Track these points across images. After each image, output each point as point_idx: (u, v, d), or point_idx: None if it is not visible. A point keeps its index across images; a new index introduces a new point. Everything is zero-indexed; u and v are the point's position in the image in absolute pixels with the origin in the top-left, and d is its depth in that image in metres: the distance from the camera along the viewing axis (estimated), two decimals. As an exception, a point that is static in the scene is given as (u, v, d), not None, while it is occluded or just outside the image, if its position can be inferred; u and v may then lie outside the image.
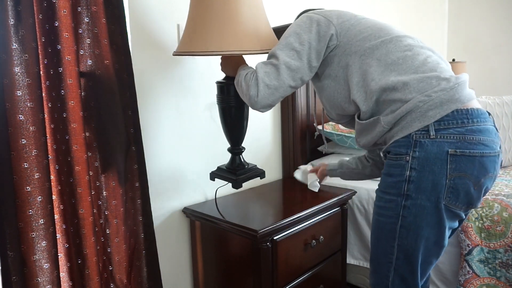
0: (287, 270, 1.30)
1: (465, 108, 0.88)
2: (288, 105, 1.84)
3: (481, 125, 0.89)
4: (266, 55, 1.17)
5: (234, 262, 1.34)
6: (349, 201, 1.74)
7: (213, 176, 1.37)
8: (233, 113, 1.26)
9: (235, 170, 1.30)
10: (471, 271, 1.36)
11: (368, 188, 1.69)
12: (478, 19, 3.68)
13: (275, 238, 1.25)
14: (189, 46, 1.12)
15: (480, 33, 3.67)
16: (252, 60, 1.28)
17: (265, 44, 1.13)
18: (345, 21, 1.02)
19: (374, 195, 1.67)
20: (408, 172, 0.89)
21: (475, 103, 0.91)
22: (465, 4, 3.74)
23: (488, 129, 0.91)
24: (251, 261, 1.26)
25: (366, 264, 1.74)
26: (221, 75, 1.29)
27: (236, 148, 1.33)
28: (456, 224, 0.97)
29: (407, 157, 0.89)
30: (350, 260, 1.77)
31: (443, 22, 3.84)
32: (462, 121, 0.87)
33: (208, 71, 1.54)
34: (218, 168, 1.36)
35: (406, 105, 0.89)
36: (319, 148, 1.97)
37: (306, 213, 1.35)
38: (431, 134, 0.87)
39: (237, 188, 1.30)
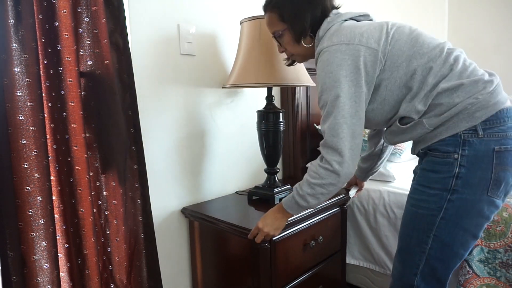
0: (286, 271, 1.30)
1: (505, 107, 0.95)
2: (288, 105, 1.84)
3: None
4: (302, 85, 1.42)
5: (233, 263, 1.34)
6: (349, 201, 1.74)
7: (251, 194, 1.53)
8: (270, 138, 1.45)
9: (271, 188, 1.49)
10: (471, 271, 1.36)
11: (368, 188, 1.69)
12: (478, 19, 3.68)
13: (274, 238, 1.24)
14: (242, 80, 1.36)
15: (480, 33, 3.67)
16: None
17: (302, 78, 1.40)
18: (383, 42, 0.99)
19: (374, 195, 1.68)
20: (457, 169, 0.95)
21: (509, 102, 0.97)
22: (465, 4, 3.74)
23: None
24: (250, 262, 1.25)
25: (366, 264, 1.74)
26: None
27: (272, 168, 1.51)
28: (494, 215, 1.02)
29: (456, 155, 0.96)
30: (350, 260, 1.77)
31: (443, 22, 3.83)
32: (504, 120, 0.94)
33: (208, 71, 1.55)
34: (255, 186, 1.55)
35: (455, 108, 0.94)
36: (319, 149, 1.97)
37: (305, 214, 1.34)
38: (480, 134, 0.94)
39: (274, 203, 1.44)
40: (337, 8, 1.12)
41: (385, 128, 1.14)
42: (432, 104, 0.97)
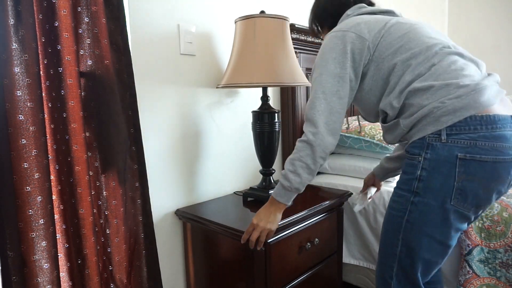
0: (281, 274, 1.29)
1: (480, 114, 0.90)
2: (288, 105, 1.84)
3: (496, 132, 0.90)
4: (298, 85, 1.37)
5: (227, 266, 1.32)
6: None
7: (246, 195, 1.51)
8: (266, 138, 1.44)
9: (267, 189, 1.47)
10: (471, 271, 1.36)
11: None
12: (478, 19, 3.68)
13: (268, 241, 1.22)
14: (235, 80, 1.35)
15: (480, 33, 3.67)
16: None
17: (298, 78, 1.38)
18: (376, 33, 1.04)
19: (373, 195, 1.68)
20: (419, 171, 0.95)
21: (496, 108, 0.92)
22: (465, 3, 3.75)
23: (505, 135, 0.90)
24: (244, 265, 1.23)
25: (366, 264, 1.74)
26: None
27: (267, 169, 1.50)
28: (465, 226, 0.99)
29: (420, 158, 0.95)
30: (350, 260, 1.77)
31: (443, 22, 3.84)
32: (475, 127, 0.90)
33: (208, 71, 1.55)
34: (251, 188, 1.52)
35: (422, 110, 0.94)
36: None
37: (301, 215, 1.33)
38: (442, 138, 0.92)
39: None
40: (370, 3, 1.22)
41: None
42: (405, 103, 0.99)
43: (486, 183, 0.91)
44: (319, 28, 1.27)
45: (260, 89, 1.49)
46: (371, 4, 1.23)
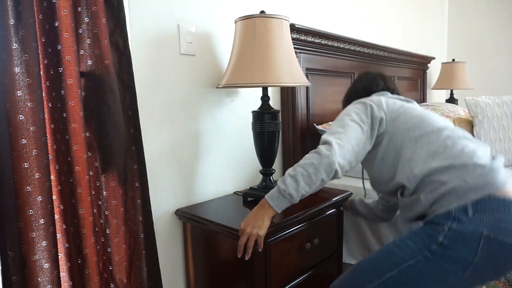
0: (281, 274, 1.28)
1: (502, 196, 0.96)
2: (288, 105, 1.84)
3: None
4: (298, 85, 1.50)
5: (227, 266, 1.32)
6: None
7: (246, 195, 1.50)
8: (266, 138, 1.44)
9: (267, 189, 1.42)
10: (471, 271, 1.35)
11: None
12: (478, 19, 3.68)
13: (268, 241, 1.22)
14: (235, 80, 1.35)
15: (480, 33, 3.67)
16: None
17: (298, 78, 1.38)
18: (394, 110, 1.19)
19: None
20: (441, 237, 0.98)
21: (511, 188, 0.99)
22: (465, 4, 3.75)
23: None
24: (244, 265, 1.23)
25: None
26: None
27: (267, 169, 1.49)
28: None
29: (445, 227, 0.98)
30: (350, 260, 1.77)
31: (443, 22, 3.83)
32: (498, 208, 0.95)
33: (208, 71, 1.55)
34: (251, 188, 1.52)
35: (444, 187, 1.01)
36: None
37: (301, 215, 1.33)
38: (469, 213, 0.96)
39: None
40: (391, 90, 1.38)
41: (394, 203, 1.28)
42: (426, 180, 1.06)
43: (503, 263, 0.96)
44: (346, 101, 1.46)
45: (260, 89, 1.49)
46: (394, 92, 1.38)
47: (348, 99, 1.44)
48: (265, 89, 1.46)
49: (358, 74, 1.52)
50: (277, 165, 1.89)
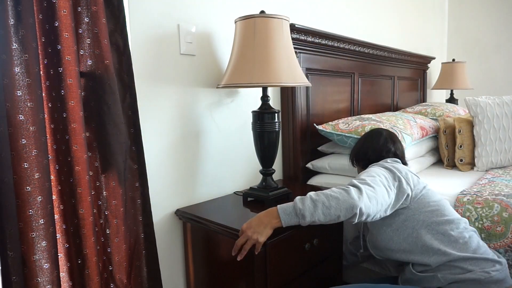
0: (280, 274, 1.28)
1: None
2: (288, 105, 1.84)
3: None
4: (298, 85, 1.49)
5: (227, 266, 1.32)
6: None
7: (246, 195, 1.51)
8: (266, 138, 1.44)
9: (267, 189, 1.47)
10: (471, 271, 1.36)
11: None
12: (478, 19, 3.68)
13: (268, 241, 1.21)
14: (235, 80, 1.35)
15: (480, 33, 3.67)
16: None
17: (298, 78, 1.38)
18: (419, 189, 1.23)
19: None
20: None
21: None
22: (465, 4, 3.75)
23: None
24: (244, 265, 1.23)
25: (366, 264, 1.74)
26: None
27: (267, 169, 1.50)
28: None
29: None
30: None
31: (443, 22, 3.83)
32: None
33: (208, 71, 1.55)
34: (251, 188, 1.53)
35: (470, 274, 1.10)
36: (319, 148, 1.97)
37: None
38: None
39: (269, 205, 1.41)
40: (399, 157, 1.40)
41: (400, 277, 1.29)
42: (447, 265, 1.13)
43: None
44: (354, 162, 1.49)
45: (260, 89, 1.49)
46: (402, 160, 1.41)
47: (356, 157, 1.47)
48: (265, 89, 1.46)
49: (369, 131, 1.51)
50: (277, 165, 1.89)
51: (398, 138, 1.46)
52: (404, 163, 1.41)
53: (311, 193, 1.11)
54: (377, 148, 1.40)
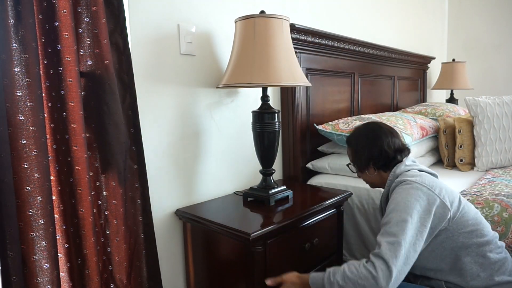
0: (281, 274, 1.27)
1: None
2: (288, 105, 1.84)
3: None
4: (298, 85, 1.43)
5: (226, 266, 1.32)
6: (349, 201, 1.74)
7: (246, 195, 1.51)
8: (266, 138, 1.44)
9: (267, 189, 1.46)
10: (471, 271, 1.36)
11: (368, 187, 1.69)
12: (478, 19, 3.68)
13: (268, 241, 1.22)
14: (235, 80, 1.35)
15: (480, 33, 3.67)
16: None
17: (298, 78, 1.38)
18: (456, 207, 1.13)
19: (374, 195, 1.68)
20: None
21: None
22: (465, 4, 3.75)
23: None
24: (244, 265, 1.23)
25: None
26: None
27: (267, 169, 1.49)
28: None
29: None
30: (350, 260, 1.77)
31: (443, 22, 3.83)
32: None
33: (208, 71, 1.55)
34: (251, 188, 1.52)
35: None
36: (319, 148, 1.97)
37: (301, 215, 1.33)
38: None
39: (269, 204, 1.43)
40: (401, 153, 1.29)
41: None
42: (486, 284, 1.11)
43: None
44: (363, 165, 1.31)
45: (260, 89, 1.49)
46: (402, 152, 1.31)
47: (365, 163, 1.30)
48: (265, 89, 1.46)
49: (364, 129, 1.32)
50: (277, 165, 1.89)
51: (390, 128, 1.32)
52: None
53: (339, 276, 1.04)
54: (390, 155, 1.25)
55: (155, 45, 1.35)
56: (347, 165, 1.42)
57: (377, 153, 1.26)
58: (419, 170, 1.24)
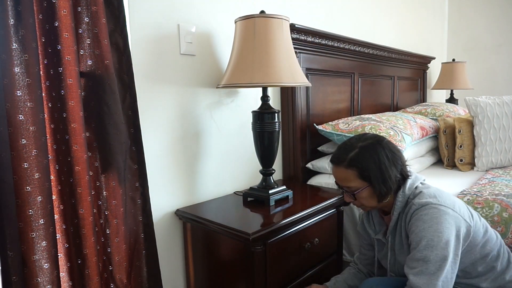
0: (280, 274, 1.28)
1: None
2: (288, 105, 1.84)
3: None
4: (298, 85, 1.43)
5: (226, 266, 1.32)
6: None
7: (246, 195, 1.51)
8: (266, 138, 1.44)
9: (267, 189, 1.46)
10: (471, 271, 1.36)
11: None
12: (478, 19, 3.68)
13: (268, 241, 1.22)
14: (235, 80, 1.35)
15: (480, 33, 3.67)
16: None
17: (298, 78, 1.38)
18: (472, 220, 1.10)
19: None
20: None
21: None
22: (465, 4, 3.75)
23: None
24: (244, 265, 1.23)
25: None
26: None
27: (267, 169, 1.49)
28: None
29: None
30: (350, 259, 1.77)
31: (443, 22, 3.83)
32: None
33: (209, 71, 1.55)
34: (251, 188, 1.53)
35: None
36: (319, 148, 1.97)
37: (301, 215, 1.33)
38: None
39: (269, 204, 1.43)
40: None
41: None
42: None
43: None
44: (385, 191, 1.10)
45: (260, 89, 1.49)
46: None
47: (383, 181, 1.09)
48: (265, 89, 1.46)
49: (366, 149, 1.11)
50: (277, 165, 1.89)
51: (389, 142, 1.15)
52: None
53: None
54: (392, 175, 1.09)
55: (155, 45, 1.35)
56: (342, 191, 1.19)
57: (399, 174, 1.10)
58: (421, 183, 1.17)
